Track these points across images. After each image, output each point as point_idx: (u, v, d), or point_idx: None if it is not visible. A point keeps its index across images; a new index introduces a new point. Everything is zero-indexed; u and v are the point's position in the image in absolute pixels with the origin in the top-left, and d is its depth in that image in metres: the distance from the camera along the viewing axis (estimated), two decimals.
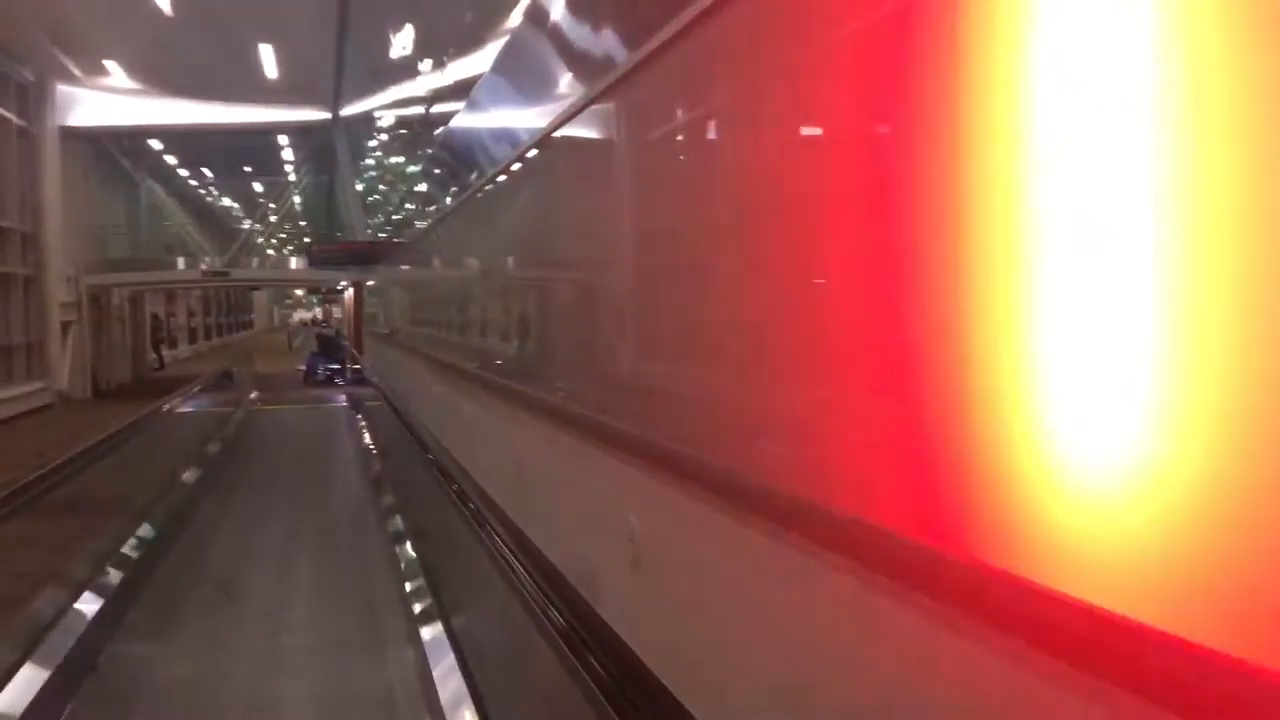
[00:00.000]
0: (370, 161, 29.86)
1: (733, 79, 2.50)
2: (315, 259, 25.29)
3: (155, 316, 33.80)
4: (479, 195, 6.92)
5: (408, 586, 6.79)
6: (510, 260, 6.02)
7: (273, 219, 36.89)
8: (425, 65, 21.04)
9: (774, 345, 2.19)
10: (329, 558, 8.47)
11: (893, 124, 1.76)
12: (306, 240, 36.67)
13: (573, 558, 3.91)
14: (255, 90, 23.94)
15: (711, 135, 2.73)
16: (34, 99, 21.89)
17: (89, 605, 6.73)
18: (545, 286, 4.92)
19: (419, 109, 22.82)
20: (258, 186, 38.86)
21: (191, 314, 44.77)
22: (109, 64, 22.46)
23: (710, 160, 2.72)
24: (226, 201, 45.50)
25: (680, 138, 2.98)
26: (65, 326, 22.62)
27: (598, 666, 3.35)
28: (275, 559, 8.54)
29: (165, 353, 34.76)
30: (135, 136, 27.07)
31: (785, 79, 2.19)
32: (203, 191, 42.06)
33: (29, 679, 5.25)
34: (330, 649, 6.26)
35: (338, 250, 25.13)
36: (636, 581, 3.07)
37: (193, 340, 44.27)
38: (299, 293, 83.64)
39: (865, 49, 1.83)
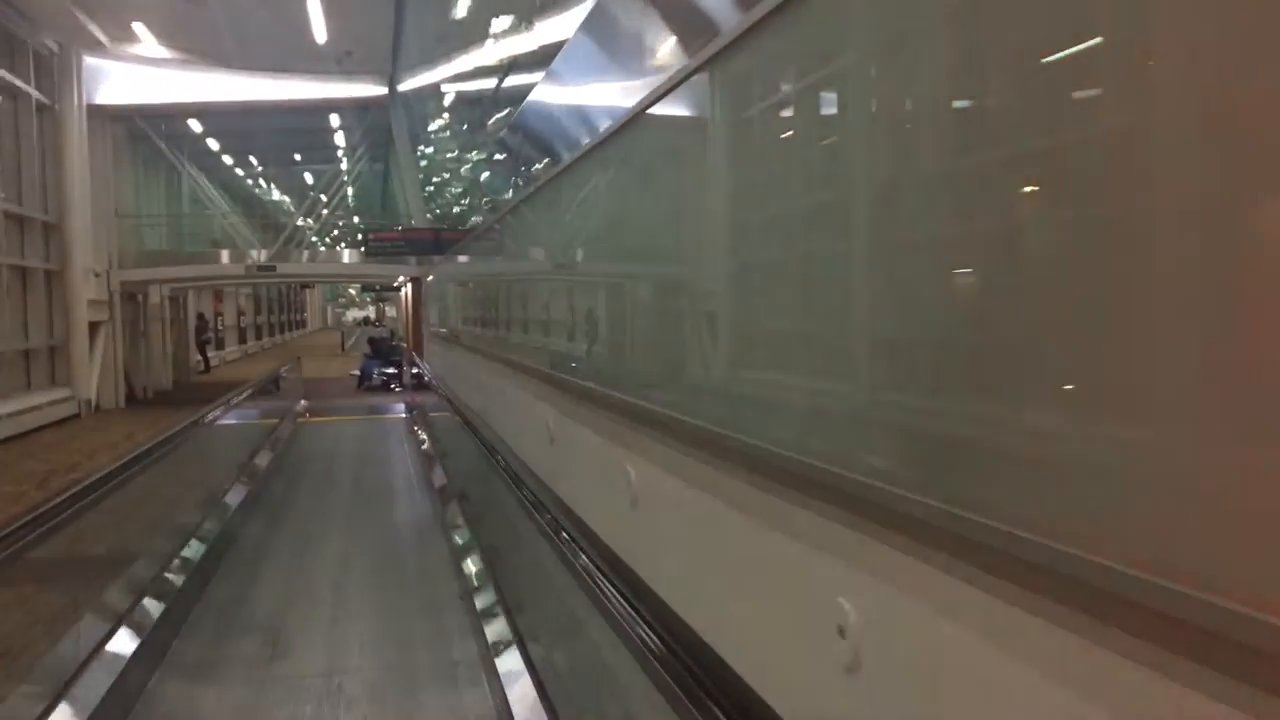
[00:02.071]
0: (432, 143, 27.11)
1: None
2: (371, 248, 22.58)
3: (200, 316, 31.60)
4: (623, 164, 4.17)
5: None
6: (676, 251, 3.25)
7: (325, 212, 34.41)
8: (498, 27, 18.17)
9: None
10: None
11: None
12: (360, 235, 34.14)
13: None
14: (303, 59, 21.30)
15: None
16: (58, 71, 19.45)
17: None
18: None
19: (489, 80, 19.98)
20: (309, 178, 36.43)
21: (241, 313, 42.64)
22: (139, 28, 19.89)
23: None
24: (276, 195, 43.24)
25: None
26: (94, 327, 20.19)
27: None
28: None
29: (212, 354, 32.56)
30: (172, 116, 24.57)
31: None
32: (250, 182, 39.76)
33: None
34: None
35: (396, 238, 22.45)
36: None
37: (242, 341, 42.14)
38: (352, 291, 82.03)
39: None
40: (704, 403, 3.37)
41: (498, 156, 12.31)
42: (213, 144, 30.08)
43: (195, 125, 27.11)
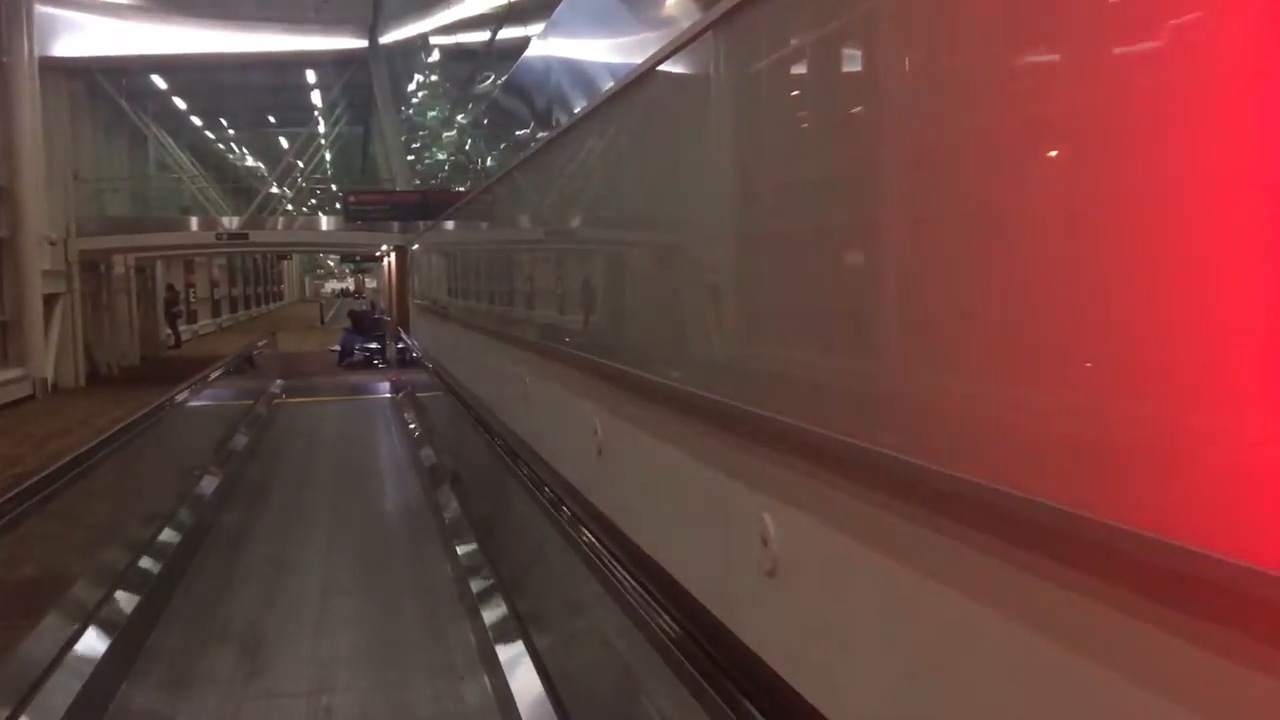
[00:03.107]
0: (417, 102, 25.40)
1: None
2: (352, 212, 20.91)
3: (170, 288, 29.90)
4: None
5: None
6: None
7: (301, 182, 32.56)
8: None
9: None
10: None
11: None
12: (339, 202, 32.33)
13: None
14: (276, 7, 19.60)
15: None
16: (5, 19, 17.70)
17: None
18: None
19: (482, 33, 18.37)
20: (284, 142, 34.62)
21: (214, 284, 40.81)
22: None
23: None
24: (250, 161, 41.35)
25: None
26: (50, 300, 18.58)
27: None
28: None
29: (183, 328, 30.88)
30: (134, 71, 22.77)
31: None
32: (221, 146, 37.87)
33: None
34: None
35: (379, 200, 20.82)
36: None
37: (216, 314, 40.38)
38: (331, 262, 79.94)
39: None
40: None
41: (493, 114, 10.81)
42: (180, 104, 28.26)
43: (160, 83, 25.32)
